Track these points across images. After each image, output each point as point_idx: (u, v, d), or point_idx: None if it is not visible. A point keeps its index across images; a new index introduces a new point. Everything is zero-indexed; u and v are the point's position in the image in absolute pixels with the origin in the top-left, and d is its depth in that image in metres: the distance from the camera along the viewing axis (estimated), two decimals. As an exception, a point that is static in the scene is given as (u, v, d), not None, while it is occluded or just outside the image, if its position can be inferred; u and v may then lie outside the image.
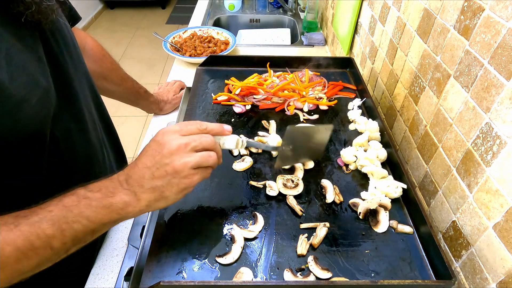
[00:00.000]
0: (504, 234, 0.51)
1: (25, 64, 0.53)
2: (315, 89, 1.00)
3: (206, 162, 0.56)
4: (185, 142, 0.55)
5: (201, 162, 0.55)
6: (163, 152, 0.54)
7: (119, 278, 0.74)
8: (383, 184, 0.70)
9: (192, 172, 0.55)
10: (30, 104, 0.53)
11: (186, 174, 0.54)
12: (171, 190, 0.54)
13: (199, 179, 0.56)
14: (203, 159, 0.56)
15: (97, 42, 0.97)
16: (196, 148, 0.55)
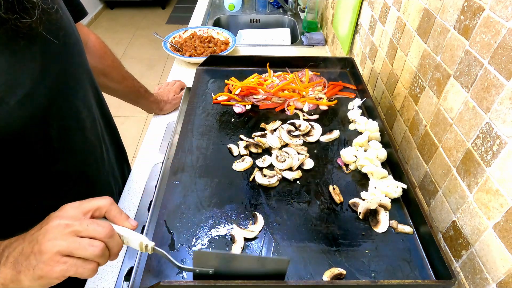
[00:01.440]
0: (504, 234, 0.51)
1: (6, 66, 0.52)
2: (315, 89, 1.00)
3: (82, 251, 0.46)
4: (66, 222, 0.47)
5: (73, 249, 0.45)
6: (43, 228, 0.47)
7: (119, 278, 0.74)
8: (383, 184, 0.70)
9: (57, 259, 0.45)
10: (8, 106, 0.52)
11: (47, 259, 0.45)
12: (26, 274, 0.45)
13: (63, 271, 0.45)
14: (78, 247, 0.46)
15: (100, 39, 0.97)
16: (79, 234, 0.47)
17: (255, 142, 0.80)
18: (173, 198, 0.69)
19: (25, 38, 0.56)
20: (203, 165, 0.77)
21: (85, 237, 0.47)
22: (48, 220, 0.48)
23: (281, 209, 0.68)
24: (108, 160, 0.87)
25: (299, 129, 0.85)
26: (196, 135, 0.84)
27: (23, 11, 0.51)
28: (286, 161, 0.75)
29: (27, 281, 0.45)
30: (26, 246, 0.46)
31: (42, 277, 0.45)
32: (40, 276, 0.45)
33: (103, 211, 0.51)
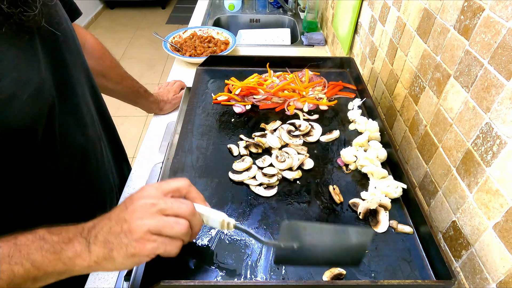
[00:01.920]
0: (504, 234, 0.51)
1: (16, 61, 0.53)
2: (315, 89, 1.00)
3: (169, 229, 0.48)
4: (151, 202, 0.48)
5: (161, 227, 0.47)
6: (129, 208, 0.49)
7: (119, 278, 0.74)
8: (383, 184, 0.70)
9: (147, 237, 0.47)
10: (20, 101, 0.53)
11: (138, 237, 0.46)
12: (119, 252, 0.47)
13: (154, 249, 0.47)
14: (166, 225, 0.48)
15: (97, 40, 0.97)
16: (165, 212, 0.48)
17: (255, 142, 0.80)
18: (173, 198, 0.69)
19: (28, 32, 0.56)
20: (203, 165, 0.77)
21: (170, 215, 0.48)
22: (131, 200, 0.50)
23: (281, 209, 0.68)
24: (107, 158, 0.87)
25: (299, 129, 0.85)
26: (196, 135, 0.84)
27: (25, 4, 0.52)
28: (286, 161, 0.75)
29: (120, 258, 0.47)
30: (114, 226, 0.48)
31: (134, 255, 0.47)
32: (133, 254, 0.47)
33: (182, 192, 0.53)
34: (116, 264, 0.48)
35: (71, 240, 0.48)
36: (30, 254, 0.46)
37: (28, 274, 0.46)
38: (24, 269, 0.46)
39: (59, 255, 0.47)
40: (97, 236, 0.48)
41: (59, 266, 0.47)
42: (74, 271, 0.48)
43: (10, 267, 0.45)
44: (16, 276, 0.46)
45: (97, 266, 0.48)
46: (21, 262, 0.46)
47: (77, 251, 0.47)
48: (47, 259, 0.47)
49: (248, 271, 0.58)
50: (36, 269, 0.46)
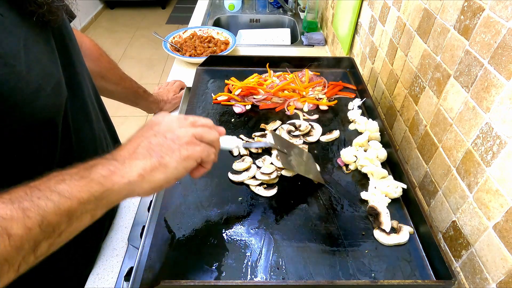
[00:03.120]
0: (504, 234, 0.51)
1: (40, 55, 0.55)
2: (315, 89, 1.00)
3: (208, 134, 0.51)
4: (180, 116, 0.52)
5: (202, 133, 0.51)
6: (161, 124, 0.50)
7: (119, 278, 0.74)
8: (383, 184, 0.70)
9: (194, 141, 0.49)
10: (46, 93, 0.54)
11: (188, 141, 0.49)
12: (172, 156, 0.47)
13: (201, 151, 0.50)
14: (205, 131, 0.51)
15: (93, 42, 0.97)
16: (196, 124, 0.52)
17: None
18: (173, 198, 0.69)
19: (47, 29, 0.58)
20: (203, 165, 0.77)
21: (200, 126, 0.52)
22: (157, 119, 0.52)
23: (281, 209, 0.68)
24: None
25: (299, 129, 0.85)
26: (196, 135, 0.84)
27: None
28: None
29: (173, 162, 0.47)
30: (153, 139, 0.48)
31: (188, 157, 0.48)
32: (187, 156, 0.48)
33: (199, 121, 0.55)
34: (169, 171, 0.47)
35: (95, 165, 0.44)
36: (51, 187, 0.40)
37: (60, 208, 0.39)
38: (53, 202, 0.39)
39: (88, 178, 0.42)
40: (134, 151, 0.46)
41: (93, 188, 0.42)
42: (114, 190, 0.43)
43: (35, 203, 0.38)
44: (46, 212, 0.38)
45: (142, 181, 0.45)
46: (46, 196, 0.39)
47: (110, 169, 0.44)
48: (76, 186, 0.41)
49: (248, 271, 0.58)
50: (68, 199, 0.40)
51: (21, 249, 0.36)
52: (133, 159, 0.46)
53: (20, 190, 0.39)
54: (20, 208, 0.37)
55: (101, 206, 0.43)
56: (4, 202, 0.37)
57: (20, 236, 0.36)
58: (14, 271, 0.37)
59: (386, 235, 0.62)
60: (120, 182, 0.44)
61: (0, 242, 0.34)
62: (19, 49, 0.50)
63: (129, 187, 0.45)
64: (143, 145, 0.48)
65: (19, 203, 0.37)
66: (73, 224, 0.41)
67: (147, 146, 0.47)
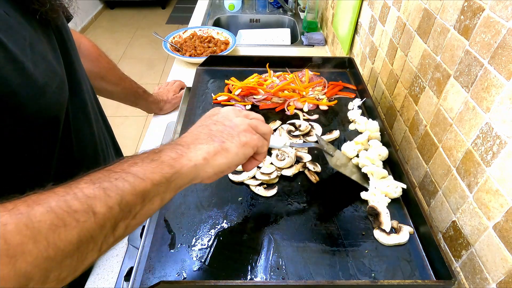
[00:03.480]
0: (504, 234, 0.51)
1: (44, 53, 0.55)
2: (315, 89, 1.00)
3: (262, 126, 0.54)
4: (234, 108, 0.56)
5: (257, 124, 0.54)
6: (220, 113, 0.54)
7: (119, 278, 0.74)
8: (383, 184, 0.70)
9: (250, 129, 0.52)
10: (51, 90, 0.55)
11: (245, 129, 0.52)
12: (232, 141, 0.50)
13: (257, 140, 0.53)
14: (259, 123, 0.54)
15: (92, 42, 0.97)
16: (249, 116, 0.55)
17: None
18: (173, 198, 0.69)
19: (49, 27, 0.59)
20: (203, 165, 0.77)
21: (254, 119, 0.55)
22: (214, 110, 0.56)
23: (281, 209, 0.68)
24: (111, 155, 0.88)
25: (299, 129, 0.85)
26: (196, 135, 0.84)
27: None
28: (286, 159, 0.75)
29: (234, 148, 0.50)
30: (213, 127, 0.52)
31: (246, 144, 0.51)
32: (245, 142, 0.51)
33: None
34: (230, 156, 0.49)
35: (162, 150, 0.46)
36: (125, 169, 0.41)
37: (135, 189, 0.40)
38: (129, 182, 0.40)
39: (158, 161, 0.44)
40: (197, 138, 0.49)
41: (164, 169, 0.44)
42: (182, 173, 0.45)
43: (113, 183, 0.39)
44: (124, 192, 0.39)
45: (206, 164, 0.47)
46: (122, 177, 0.40)
47: (178, 152, 0.46)
48: (148, 168, 0.42)
49: (248, 271, 0.58)
50: (142, 180, 0.41)
51: (104, 228, 0.37)
52: (197, 143, 0.48)
53: (98, 173, 0.40)
54: (101, 188, 0.38)
55: (170, 189, 0.45)
56: (86, 182, 0.38)
57: (103, 214, 0.37)
58: (97, 250, 0.38)
59: (386, 235, 0.62)
60: (188, 165, 0.46)
61: (87, 219, 0.35)
62: (26, 47, 0.51)
63: (195, 170, 0.47)
64: (205, 131, 0.51)
65: (99, 183, 0.38)
66: (146, 205, 0.42)
67: (208, 132, 0.50)
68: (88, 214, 0.36)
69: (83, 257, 0.36)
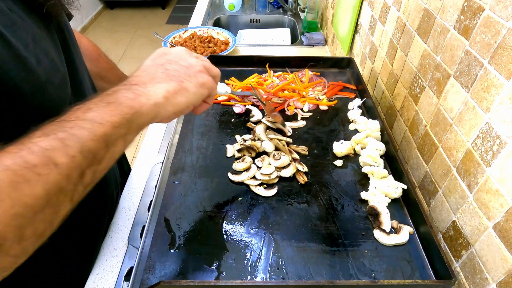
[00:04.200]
0: (504, 234, 0.51)
1: (47, 49, 0.55)
2: (315, 89, 1.00)
3: (214, 69, 0.55)
4: (186, 49, 0.54)
5: (210, 67, 0.54)
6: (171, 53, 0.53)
7: (119, 278, 0.74)
8: (383, 184, 0.71)
9: (204, 71, 0.52)
10: (54, 85, 0.55)
11: (200, 70, 0.52)
12: (190, 81, 0.50)
13: (212, 82, 0.53)
14: (211, 66, 0.54)
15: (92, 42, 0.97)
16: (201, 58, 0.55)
17: (249, 146, 0.80)
18: (173, 198, 0.69)
19: (52, 25, 0.58)
20: (203, 165, 0.77)
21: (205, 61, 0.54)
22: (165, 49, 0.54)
23: (281, 209, 0.68)
24: None
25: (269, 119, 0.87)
26: (196, 135, 0.84)
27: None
28: (282, 158, 0.75)
29: (192, 87, 0.50)
30: (167, 65, 0.50)
31: (204, 84, 0.51)
32: (203, 83, 0.51)
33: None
34: (189, 95, 0.49)
35: (118, 90, 0.45)
36: (80, 116, 0.40)
37: (95, 134, 0.39)
38: (87, 129, 0.39)
39: (115, 103, 0.42)
40: (154, 77, 0.48)
41: (124, 111, 0.42)
42: (142, 112, 0.44)
43: (69, 132, 0.38)
44: (83, 140, 0.38)
45: (166, 103, 0.47)
46: (78, 125, 0.39)
47: (135, 92, 0.45)
48: (105, 112, 0.41)
49: (248, 271, 0.58)
50: (101, 124, 0.40)
51: (70, 177, 0.37)
52: (155, 82, 0.47)
53: (50, 125, 0.39)
54: (57, 139, 0.37)
55: (132, 129, 0.44)
56: (40, 136, 0.36)
57: (66, 164, 0.36)
58: (69, 201, 0.38)
59: (386, 235, 0.62)
60: (147, 104, 0.45)
61: (50, 171, 0.35)
62: (29, 43, 0.51)
63: (156, 108, 0.46)
64: (161, 71, 0.49)
65: (54, 134, 0.37)
66: (110, 149, 0.41)
67: (165, 71, 0.49)
68: (49, 166, 0.35)
69: (55, 209, 0.36)
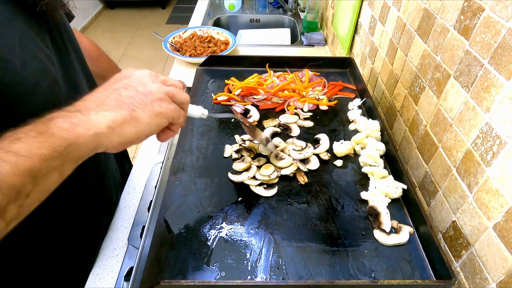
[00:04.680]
0: (504, 234, 0.51)
1: (35, 51, 0.54)
2: (315, 89, 1.00)
3: (180, 95, 0.50)
4: (151, 73, 0.49)
5: (175, 92, 0.49)
6: (131, 77, 0.48)
7: (119, 278, 0.74)
8: (383, 184, 0.70)
9: (166, 98, 0.47)
10: (42, 89, 0.54)
11: (160, 97, 0.46)
12: (144, 110, 0.45)
13: (173, 111, 0.48)
14: (178, 91, 0.49)
15: (92, 42, 0.97)
16: (166, 83, 0.49)
17: (247, 147, 0.80)
18: (173, 198, 0.69)
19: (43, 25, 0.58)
20: (203, 165, 0.77)
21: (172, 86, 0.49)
22: (126, 72, 0.49)
23: (281, 209, 0.68)
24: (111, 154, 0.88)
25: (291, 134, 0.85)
26: (196, 135, 0.84)
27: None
28: (286, 159, 0.75)
29: (146, 117, 0.45)
30: (123, 91, 0.46)
31: (160, 114, 0.46)
32: (159, 112, 0.46)
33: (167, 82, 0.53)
34: (140, 125, 0.45)
35: (54, 118, 0.40)
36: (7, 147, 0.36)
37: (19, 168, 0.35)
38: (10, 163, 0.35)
39: (48, 132, 0.38)
40: (102, 103, 0.43)
41: (55, 142, 0.38)
42: (79, 144, 0.40)
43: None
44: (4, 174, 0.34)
45: (111, 133, 0.42)
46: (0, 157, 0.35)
47: (72, 122, 0.40)
48: (35, 142, 0.37)
49: (248, 271, 0.58)
50: (27, 157, 0.36)
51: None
52: (101, 110, 0.43)
53: None
54: None
55: (68, 161, 0.40)
56: None
57: None
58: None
59: (386, 235, 0.62)
60: (86, 135, 0.40)
61: None
62: (14, 44, 0.50)
63: (97, 139, 0.42)
64: (113, 96, 0.45)
65: None
66: (39, 183, 0.37)
67: (117, 97, 0.45)
68: None
69: None
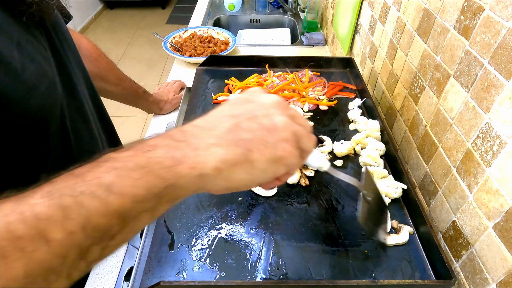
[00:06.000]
0: (504, 234, 0.51)
1: (33, 54, 0.55)
2: (315, 89, 1.00)
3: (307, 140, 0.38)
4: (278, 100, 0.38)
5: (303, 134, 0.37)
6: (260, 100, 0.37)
7: (119, 278, 0.74)
8: (383, 184, 0.71)
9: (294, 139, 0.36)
10: (40, 92, 0.54)
11: (286, 138, 0.35)
12: (262, 153, 0.34)
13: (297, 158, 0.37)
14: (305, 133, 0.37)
15: (92, 43, 0.97)
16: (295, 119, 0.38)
17: None
18: (173, 198, 0.69)
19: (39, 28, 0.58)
20: (203, 165, 0.76)
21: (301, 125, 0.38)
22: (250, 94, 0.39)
23: (281, 209, 0.68)
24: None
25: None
26: (196, 135, 0.84)
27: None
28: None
29: (262, 162, 0.34)
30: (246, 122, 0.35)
31: (281, 160, 0.35)
32: (281, 157, 0.35)
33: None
34: (254, 172, 0.35)
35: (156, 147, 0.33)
36: (99, 178, 0.30)
37: (108, 207, 0.30)
38: (99, 199, 0.29)
39: (146, 168, 0.31)
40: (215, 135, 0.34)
41: (152, 182, 0.31)
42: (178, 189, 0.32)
43: (77, 199, 0.29)
44: (91, 212, 0.29)
45: (217, 176, 0.33)
46: (91, 190, 0.29)
47: (176, 157, 0.32)
48: (129, 178, 0.31)
49: (248, 271, 0.58)
50: (118, 196, 0.30)
51: (66, 257, 0.29)
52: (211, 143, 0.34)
53: (63, 180, 0.31)
54: (59, 206, 0.28)
55: (164, 202, 0.33)
56: (43, 196, 0.29)
57: (59, 242, 0.28)
58: (65, 279, 0.30)
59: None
60: (189, 175, 0.32)
61: (38, 248, 0.27)
62: (13, 48, 0.50)
63: (200, 181, 0.33)
64: (229, 126, 0.35)
65: (59, 198, 0.29)
66: (128, 224, 0.31)
67: (235, 130, 0.35)
68: (38, 242, 0.27)
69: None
